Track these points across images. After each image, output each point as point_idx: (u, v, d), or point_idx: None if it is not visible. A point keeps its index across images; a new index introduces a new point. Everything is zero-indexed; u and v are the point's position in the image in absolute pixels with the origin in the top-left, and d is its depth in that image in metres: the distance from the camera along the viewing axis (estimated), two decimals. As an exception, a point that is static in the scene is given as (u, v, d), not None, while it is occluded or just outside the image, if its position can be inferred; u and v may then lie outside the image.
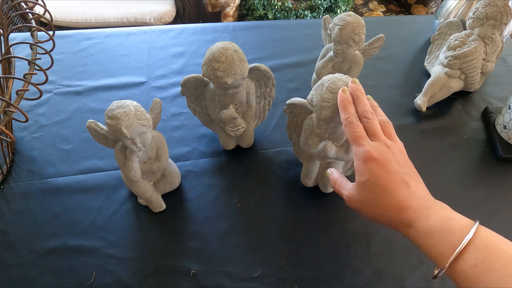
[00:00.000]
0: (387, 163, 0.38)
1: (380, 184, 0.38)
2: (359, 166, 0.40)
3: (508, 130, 0.64)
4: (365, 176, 0.39)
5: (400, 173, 0.38)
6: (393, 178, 0.38)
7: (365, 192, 0.39)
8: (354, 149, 0.41)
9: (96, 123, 0.48)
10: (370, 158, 0.39)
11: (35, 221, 0.55)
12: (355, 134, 0.40)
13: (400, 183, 0.38)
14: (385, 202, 0.38)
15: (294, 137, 0.58)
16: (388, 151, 0.39)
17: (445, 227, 0.35)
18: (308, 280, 0.50)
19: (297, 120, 0.55)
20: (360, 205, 0.41)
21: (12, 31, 0.57)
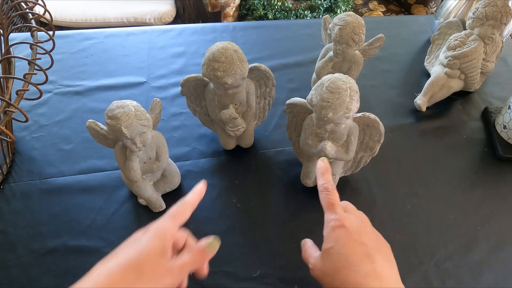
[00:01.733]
0: (356, 233, 0.37)
1: (344, 253, 0.36)
2: (327, 233, 0.38)
3: (508, 130, 0.64)
4: (331, 243, 0.37)
5: (368, 247, 0.36)
6: (359, 250, 0.36)
7: (328, 260, 0.37)
8: (326, 216, 0.40)
9: (96, 123, 0.48)
10: (340, 226, 0.37)
11: (35, 221, 0.55)
12: (330, 200, 0.39)
13: (364, 256, 0.36)
14: (344, 274, 0.35)
15: (294, 137, 0.58)
16: (361, 224, 0.39)
17: None
18: (308, 280, 0.50)
19: (297, 120, 0.55)
20: (321, 274, 0.38)
21: (12, 31, 0.57)
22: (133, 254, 0.32)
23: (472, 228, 0.56)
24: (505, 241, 0.55)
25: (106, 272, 0.30)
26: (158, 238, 0.33)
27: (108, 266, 0.31)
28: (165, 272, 0.32)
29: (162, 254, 0.32)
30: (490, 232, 0.55)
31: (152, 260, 0.32)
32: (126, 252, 0.32)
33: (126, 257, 0.31)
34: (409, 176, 0.62)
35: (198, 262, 0.36)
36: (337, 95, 0.43)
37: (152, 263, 0.31)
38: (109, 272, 0.30)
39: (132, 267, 0.31)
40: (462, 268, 0.52)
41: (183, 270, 0.34)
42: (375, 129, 0.50)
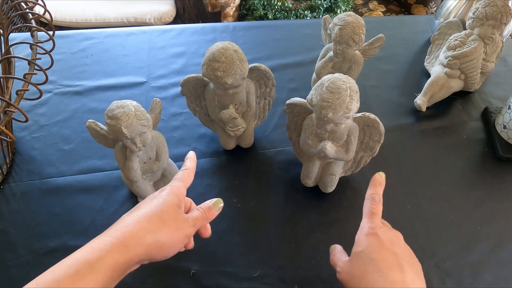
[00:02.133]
0: (389, 243, 0.38)
1: (374, 258, 0.37)
2: (359, 237, 0.39)
3: (508, 130, 0.64)
4: (361, 247, 0.38)
5: (399, 258, 0.37)
6: (389, 258, 0.37)
7: (356, 263, 0.38)
8: (362, 222, 0.41)
9: (96, 123, 0.48)
10: (374, 233, 0.38)
11: (35, 221, 0.55)
12: (372, 210, 0.41)
13: (394, 265, 0.36)
14: (371, 279, 0.36)
15: (294, 137, 0.58)
16: (395, 237, 0.40)
17: None
18: (308, 280, 0.50)
19: (297, 120, 0.55)
20: (348, 277, 0.39)
21: (12, 31, 0.57)
22: (156, 205, 0.37)
23: (472, 228, 0.56)
24: (505, 241, 0.55)
25: (134, 219, 0.35)
26: (174, 194, 0.38)
27: (134, 215, 0.36)
28: (182, 221, 0.37)
29: (178, 207, 0.38)
30: (490, 232, 0.55)
31: (172, 210, 0.37)
32: (149, 204, 0.37)
33: (150, 208, 0.36)
34: (409, 176, 0.62)
35: (207, 218, 0.41)
36: (337, 95, 0.43)
37: (172, 213, 0.37)
38: (137, 219, 0.35)
39: (157, 215, 0.36)
40: (462, 268, 0.52)
41: (196, 222, 0.39)
42: (375, 129, 0.50)
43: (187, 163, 0.44)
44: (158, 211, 0.36)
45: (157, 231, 0.35)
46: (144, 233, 0.34)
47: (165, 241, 0.35)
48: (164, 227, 0.35)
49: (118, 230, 0.34)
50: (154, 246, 0.34)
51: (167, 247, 0.36)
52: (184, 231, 0.37)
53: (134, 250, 0.33)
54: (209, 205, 0.41)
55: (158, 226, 0.35)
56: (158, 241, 0.35)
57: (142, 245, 0.33)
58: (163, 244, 0.35)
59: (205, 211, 0.41)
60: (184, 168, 0.43)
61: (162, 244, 0.35)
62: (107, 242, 0.33)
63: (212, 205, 0.41)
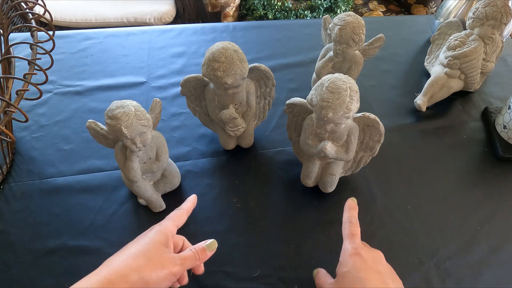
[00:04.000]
0: (373, 263, 0.40)
1: (360, 277, 0.38)
2: (344, 258, 0.41)
3: (508, 130, 0.64)
4: (347, 267, 0.40)
5: (383, 276, 0.39)
6: (374, 276, 0.39)
7: (343, 283, 0.40)
8: (344, 244, 0.42)
9: (96, 123, 0.48)
10: (358, 253, 0.40)
11: (35, 221, 0.55)
12: (352, 231, 0.43)
13: (379, 282, 0.38)
14: None
15: (294, 137, 0.58)
16: (377, 256, 0.42)
17: None
18: (308, 280, 0.50)
19: (297, 120, 0.55)
20: None
21: (12, 31, 0.57)
22: (142, 244, 0.38)
23: (472, 228, 0.56)
24: (505, 241, 0.55)
25: (121, 258, 0.36)
26: (161, 233, 0.39)
27: (121, 254, 0.37)
28: (169, 260, 0.38)
29: (165, 245, 0.39)
30: (490, 232, 0.55)
31: (158, 249, 0.38)
32: (136, 244, 0.38)
33: (136, 247, 0.38)
34: (409, 176, 0.62)
35: (199, 258, 0.41)
36: (337, 95, 0.43)
37: (158, 252, 0.38)
38: (123, 258, 0.36)
39: (142, 254, 0.37)
40: (462, 268, 0.52)
41: (184, 262, 0.39)
42: (375, 129, 0.50)
43: (184, 204, 0.45)
44: (143, 250, 0.37)
45: (142, 269, 0.35)
46: (129, 270, 0.35)
47: (149, 279, 0.35)
48: (149, 265, 0.36)
49: (104, 269, 0.35)
50: (139, 283, 0.35)
51: (153, 284, 0.36)
52: (170, 269, 0.37)
53: (118, 285, 0.34)
54: (203, 246, 0.41)
55: (142, 264, 0.36)
56: (143, 278, 0.35)
57: (127, 282, 0.34)
58: (148, 281, 0.35)
59: (198, 252, 0.41)
60: (178, 209, 0.44)
61: (147, 282, 0.35)
62: (93, 281, 0.34)
63: (207, 246, 0.42)
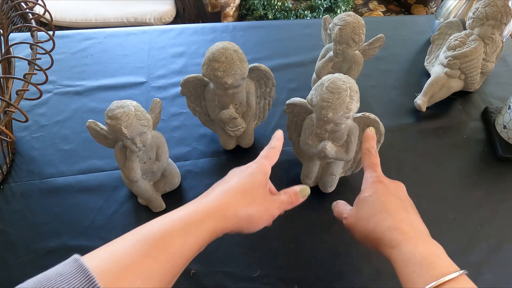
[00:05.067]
0: (394, 190, 0.41)
1: (382, 201, 0.39)
2: (365, 186, 0.42)
3: (508, 130, 0.64)
4: (369, 193, 0.41)
5: (404, 202, 0.40)
6: (395, 202, 0.40)
7: (364, 207, 0.41)
8: (366, 173, 0.43)
9: (96, 123, 0.48)
10: (380, 181, 0.41)
11: (35, 221, 0.55)
12: (372, 161, 0.44)
13: (400, 208, 0.39)
14: (380, 217, 0.39)
15: (294, 137, 0.58)
16: (398, 185, 0.43)
17: (429, 260, 0.34)
18: (308, 280, 0.50)
19: (297, 120, 0.55)
20: (355, 220, 0.41)
21: (12, 31, 0.57)
22: (247, 181, 0.38)
23: (472, 228, 0.56)
24: (505, 241, 0.55)
25: (229, 192, 0.37)
26: (262, 172, 0.39)
27: (228, 187, 0.38)
28: (270, 202, 0.39)
29: (266, 186, 0.39)
30: (490, 232, 0.55)
31: (261, 189, 0.38)
32: (239, 179, 0.38)
33: (242, 183, 0.38)
34: (409, 176, 0.62)
35: (291, 202, 0.41)
36: (337, 95, 0.43)
37: (261, 192, 0.38)
38: (231, 192, 0.37)
39: (249, 192, 0.37)
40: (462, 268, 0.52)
41: (281, 205, 0.40)
42: (375, 129, 0.50)
43: (273, 142, 0.43)
44: (250, 188, 0.38)
45: (250, 207, 0.37)
46: (239, 206, 0.36)
47: (255, 217, 0.37)
48: (255, 204, 0.37)
49: (215, 200, 0.36)
50: (246, 220, 0.37)
51: (255, 222, 0.38)
52: (271, 212, 0.39)
53: (229, 220, 0.35)
54: (296, 190, 0.42)
55: (250, 202, 0.37)
56: (250, 216, 0.37)
57: (237, 216, 0.36)
58: (253, 219, 0.37)
59: (291, 196, 0.41)
60: (270, 147, 0.43)
61: (252, 220, 0.37)
62: (208, 209, 0.35)
63: (299, 191, 0.42)
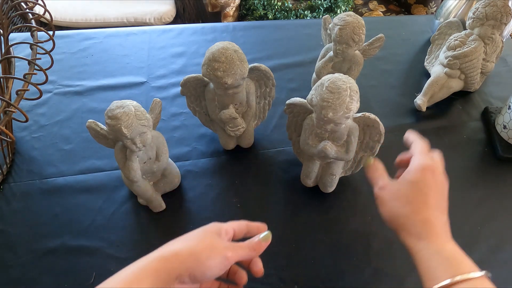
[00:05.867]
0: (440, 185, 0.40)
1: (426, 192, 0.39)
2: (414, 167, 0.40)
3: (508, 130, 0.64)
4: (417, 177, 0.39)
5: (445, 201, 0.40)
6: (438, 198, 0.39)
7: (405, 189, 0.39)
8: (420, 156, 0.42)
9: (96, 123, 0.48)
10: (432, 170, 0.40)
11: (35, 221, 0.55)
12: (425, 148, 0.43)
13: (440, 206, 0.39)
14: (418, 206, 0.38)
15: (294, 137, 0.58)
16: (444, 184, 0.42)
17: (457, 259, 0.35)
18: (308, 280, 0.50)
19: (297, 120, 0.55)
20: (391, 196, 0.40)
21: (12, 31, 0.57)
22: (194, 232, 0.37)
23: (472, 228, 0.56)
24: (505, 241, 0.54)
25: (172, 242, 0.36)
26: (213, 225, 0.38)
27: (172, 241, 0.37)
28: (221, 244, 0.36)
29: (217, 234, 0.37)
30: (490, 232, 0.55)
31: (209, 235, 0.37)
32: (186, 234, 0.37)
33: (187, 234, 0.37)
34: (409, 176, 0.62)
35: (253, 248, 0.39)
36: (337, 95, 0.43)
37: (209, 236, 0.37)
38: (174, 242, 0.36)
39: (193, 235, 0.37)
40: (462, 268, 0.52)
41: (237, 249, 0.37)
42: (375, 129, 0.50)
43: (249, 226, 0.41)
44: (195, 234, 0.37)
45: (192, 244, 0.35)
46: (180, 246, 0.35)
47: (200, 254, 0.34)
48: (199, 243, 0.35)
49: (156, 251, 0.35)
50: (190, 257, 0.34)
51: (204, 260, 0.34)
52: (222, 251, 0.35)
53: (171, 261, 0.34)
54: (257, 239, 0.40)
55: (193, 241, 0.36)
56: (192, 251, 0.34)
57: (178, 255, 0.34)
58: (199, 256, 0.34)
59: (254, 245, 0.39)
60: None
61: (198, 257, 0.34)
62: (149, 259, 0.34)
63: (261, 239, 0.40)
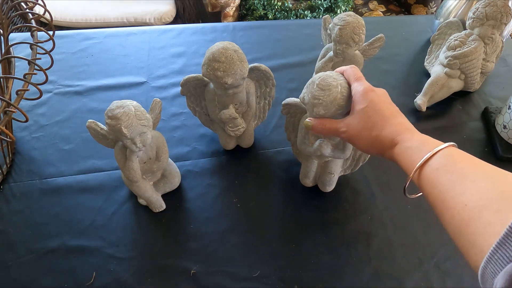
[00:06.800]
0: (384, 97, 0.43)
1: (378, 109, 0.41)
2: (358, 96, 0.42)
3: (508, 130, 0.64)
4: (364, 103, 0.42)
5: (393, 106, 0.43)
6: (389, 107, 0.42)
7: (363, 118, 0.42)
8: (354, 85, 0.43)
9: (96, 123, 0.48)
10: (371, 90, 0.43)
11: (35, 221, 0.55)
12: (358, 74, 0.44)
13: (395, 112, 0.42)
14: (381, 125, 0.41)
15: (293, 138, 0.58)
16: (384, 93, 0.45)
17: (424, 143, 0.38)
18: (308, 280, 0.50)
19: (294, 120, 0.55)
20: (358, 131, 0.42)
21: (12, 31, 0.57)
22: None
23: (472, 228, 0.56)
24: (505, 241, 0.54)
25: None
26: None
27: None
28: None
29: None
30: (490, 232, 0.55)
31: None
32: None
33: None
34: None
35: None
36: (328, 92, 0.43)
37: None
38: None
39: None
40: (462, 268, 0.52)
41: None
42: None
43: None
44: None
45: None
46: None
47: None
48: None
49: None
50: None
51: None
52: None
53: None
54: None
55: None
56: None
57: None
58: None
59: None
60: None
61: None
62: None
63: None
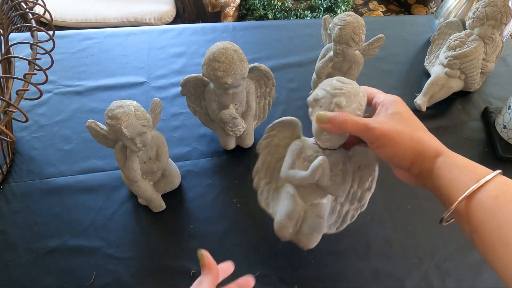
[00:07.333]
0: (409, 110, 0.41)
1: (407, 118, 0.40)
2: (390, 102, 0.41)
3: (508, 130, 0.64)
4: (398, 109, 0.40)
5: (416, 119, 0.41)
6: (415, 120, 0.40)
7: (401, 119, 0.40)
8: (381, 95, 0.43)
9: (96, 123, 0.48)
10: (399, 101, 0.41)
11: (35, 221, 0.55)
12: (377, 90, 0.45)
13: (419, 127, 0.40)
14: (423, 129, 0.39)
15: (262, 185, 0.50)
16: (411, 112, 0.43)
17: (471, 164, 0.36)
18: (308, 280, 0.50)
19: (271, 160, 0.50)
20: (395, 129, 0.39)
21: (12, 31, 0.57)
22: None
23: (472, 228, 0.56)
24: (505, 241, 0.54)
25: None
26: None
27: None
28: None
29: None
30: (490, 232, 0.55)
31: None
32: None
33: None
34: (409, 176, 0.62)
35: None
36: (350, 85, 0.42)
37: None
38: None
39: None
40: (462, 268, 0.52)
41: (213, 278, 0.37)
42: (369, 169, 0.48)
43: None
44: None
45: None
46: None
47: None
48: None
49: None
50: None
51: None
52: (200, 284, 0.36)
53: None
54: None
55: None
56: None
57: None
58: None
59: None
60: None
61: None
62: None
63: None
